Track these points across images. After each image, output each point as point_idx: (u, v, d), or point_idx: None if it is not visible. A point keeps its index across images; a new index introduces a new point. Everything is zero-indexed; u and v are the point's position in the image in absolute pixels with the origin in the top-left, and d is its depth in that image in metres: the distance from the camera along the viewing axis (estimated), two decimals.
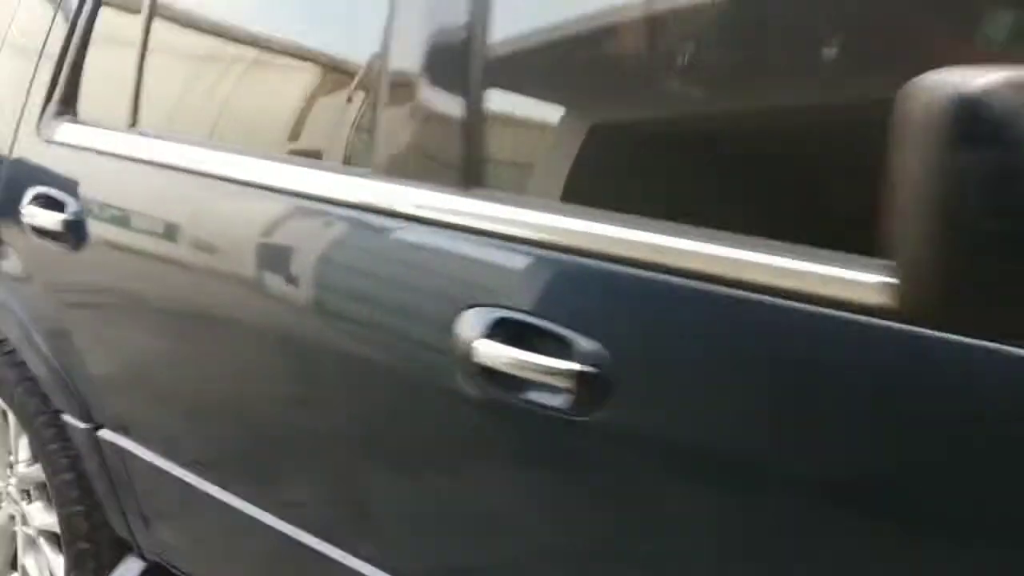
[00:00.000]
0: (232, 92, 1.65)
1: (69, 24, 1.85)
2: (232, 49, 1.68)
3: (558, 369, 1.09)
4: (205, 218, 1.58)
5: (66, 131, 1.83)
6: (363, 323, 1.36)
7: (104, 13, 1.83)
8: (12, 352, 2.05)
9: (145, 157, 1.67)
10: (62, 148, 1.82)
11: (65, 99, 1.85)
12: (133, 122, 1.73)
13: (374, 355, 1.35)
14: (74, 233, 1.75)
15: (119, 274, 1.73)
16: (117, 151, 1.72)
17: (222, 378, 1.63)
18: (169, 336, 1.70)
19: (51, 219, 1.78)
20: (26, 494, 2.19)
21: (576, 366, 1.08)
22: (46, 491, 2.13)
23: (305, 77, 1.56)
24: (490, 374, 1.17)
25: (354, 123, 1.46)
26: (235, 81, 1.65)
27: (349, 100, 1.48)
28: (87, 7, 1.83)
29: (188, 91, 1.72)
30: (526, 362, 1.12)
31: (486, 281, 1.20)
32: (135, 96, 1.72)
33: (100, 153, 1.75)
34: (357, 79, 1.46)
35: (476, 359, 1.16)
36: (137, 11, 1.75)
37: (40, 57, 1.89)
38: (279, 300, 1.47)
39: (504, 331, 1.15)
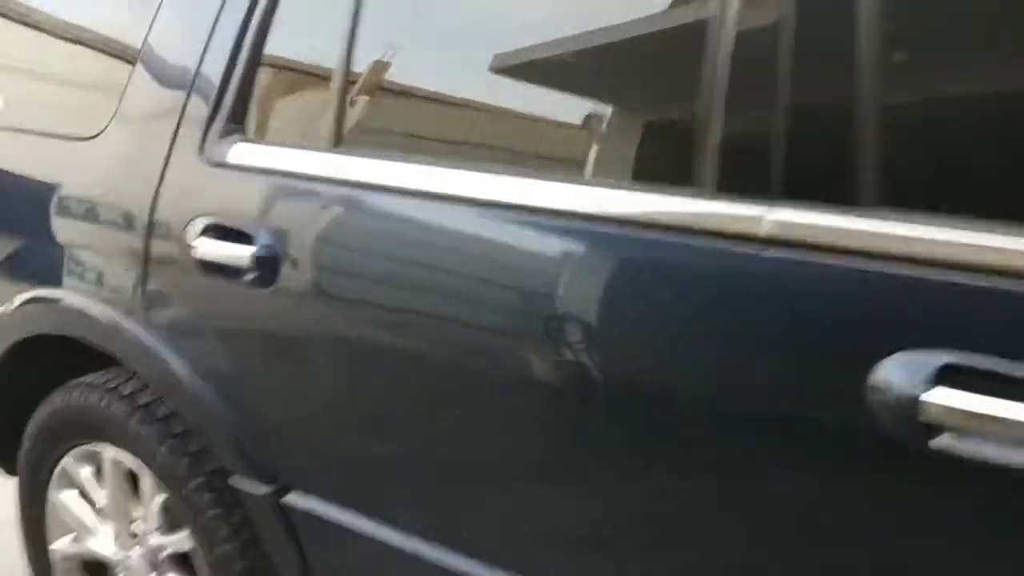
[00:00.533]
0: (488, 101, 1.43)
1: (236, 32, 1.61)
2: (476, 51, 1.46)
3: None
4: (452, 250, 1.37)
5: (241, 152, 1.59)
6: (703, 369, 1.16)
7: (283, 17, 1.60)
8: (150, 405, 1.80)
9: (362, 180, 1.45)
10: (238, 171, 1.59)
11: (234, 117, 1.62)
12: (337, 141, 1.50)
13: (724, 409, 1.15)
14: (264, 268, 1.52)
15: (325, 314, 1.50)
16: (321, 173, 1.49)
17: (459, 434, 1.41)
18: (387, 385, 1.47)
19: (235, 253, 1.54)
20: (153, 566, 1.93)
21: None
22: (183, 563, 1.88)
23: (586, 81, 1.35)
24: (931, 428, 0.99)
25: (662, 137, 1.27)
26: (488, 87, 1.43)
27: (655, 111, 1.29)
28: (259, 11, 1.60)
29: (411, 106, 1.50)
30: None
31: (926, 319, 1.02)
32: (338, 113, 1.50)
33: (296, 176, 1.52)
34: (662, 87, 1.27)
35: (924, 414, 0.98)
36: (329, 16, 1.53)
37: (198, 71, 1.65)
38: (556, 344, 1.27)
39: (954, 379, 0.98)
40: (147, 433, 1.79)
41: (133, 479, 1.92)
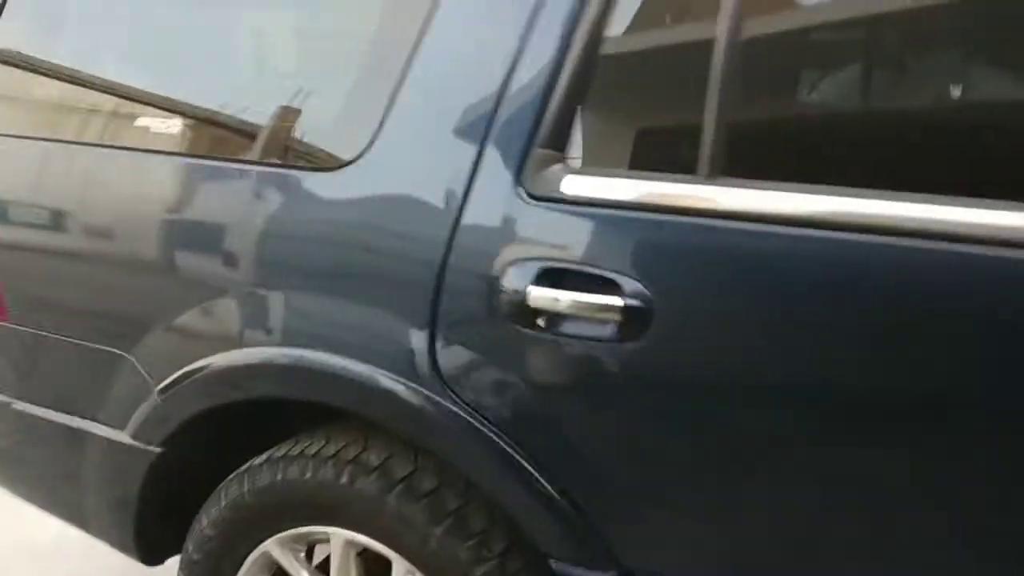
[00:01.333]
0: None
1: (556, 46, 1.38)
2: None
3: None
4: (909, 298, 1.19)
5: (578, 184, 1.36)
6: None
7: (615, 27, 1.37)
8: (411, 478, 1.54)
9: (766, 214, 1.25)
10: (578, 206, 1.35)
11: (555, 142, 1.38)
12: (711, 171, 1.30)
13: None
14: (632, 319, 1.30)
15: (711, 375, 1.29)
16: (702, 207, 1.28)
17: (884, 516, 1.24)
18: (787, 459, 1.28)
19: (596, 303, 1.31)
20: None
21: None
22: None
23: None
24: None
25: None
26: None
27: None
28: (588, 16, 1.37)
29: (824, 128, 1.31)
30: None
31: None
32: (715, 136, 1.29)
33: (665, 211, 1.30)
34: None
35: None
36: (699, 18, 1.33)
37: (506, 84, 1.40)
38: None
39: None
40: (410, 512, 1.53)
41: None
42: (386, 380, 1.47)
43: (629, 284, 1.30)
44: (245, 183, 1.58)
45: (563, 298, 1.33)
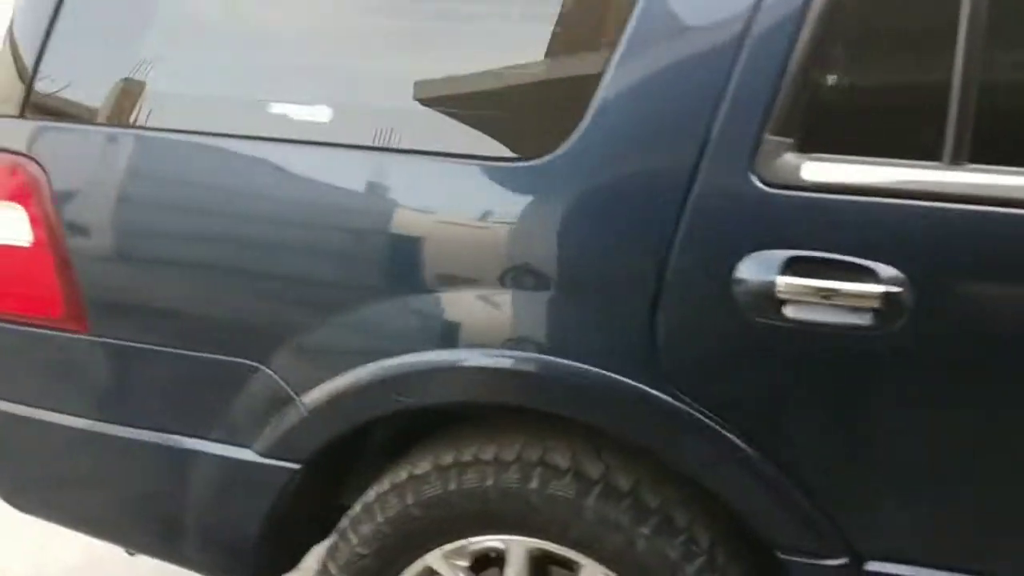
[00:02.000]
0: None
1: (789, 24, 1.34)
2: None
3: None
4: None
5: (822, 171, 1.33)
6: None
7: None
8: (608, 477, 1.49)
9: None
10: (822, 194, 1.33)
11: (786, 127, 1.35)
12: (958, 155, 1.30)
13: None
14: (890, 307, 1.30)
15: (963, 359, 1.31)
16: (952, 192, 1.29)
17: None
18: None
19: (854, 291, 1.30)
20: None
21: None
22: None
23: None
24: None
25: None
26: None
27: None
28: None
29: None
30: None
31: None
32: (959, 120, 1.30)
33: (913, 195, 1.30)
34: None
35: None
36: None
37: (735, 63, 1.35)
38: None
39: None
40: (613, 514, 1.48)
41: None
42: (602, 377, 1.41)
43: (885, 271, 1.29)
44: (426, 175, 1.47)
45: (820, 287, 1.31)
